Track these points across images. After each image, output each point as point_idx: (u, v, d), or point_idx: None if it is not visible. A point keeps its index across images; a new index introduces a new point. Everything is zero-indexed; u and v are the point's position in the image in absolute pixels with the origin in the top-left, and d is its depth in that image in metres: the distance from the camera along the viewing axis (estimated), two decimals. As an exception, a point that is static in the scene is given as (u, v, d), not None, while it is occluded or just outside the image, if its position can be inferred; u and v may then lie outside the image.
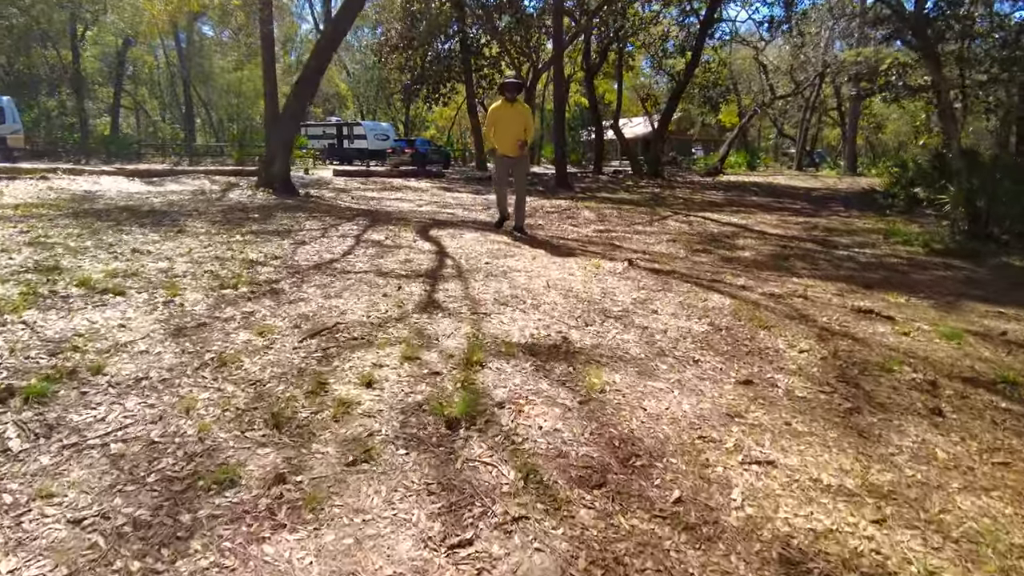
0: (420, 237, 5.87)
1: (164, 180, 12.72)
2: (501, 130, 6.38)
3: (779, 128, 39.03)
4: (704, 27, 19.52)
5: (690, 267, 5.50)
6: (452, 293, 3.93)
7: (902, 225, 9.98)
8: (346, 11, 9.02)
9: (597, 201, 12.64)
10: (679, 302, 4.10)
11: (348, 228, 6.19)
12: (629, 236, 7.78)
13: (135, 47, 27.81)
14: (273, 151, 9.59)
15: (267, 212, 7.13)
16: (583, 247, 6.13)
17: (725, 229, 9.02)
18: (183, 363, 2.49)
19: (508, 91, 6.42)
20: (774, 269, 5.85)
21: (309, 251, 4.94)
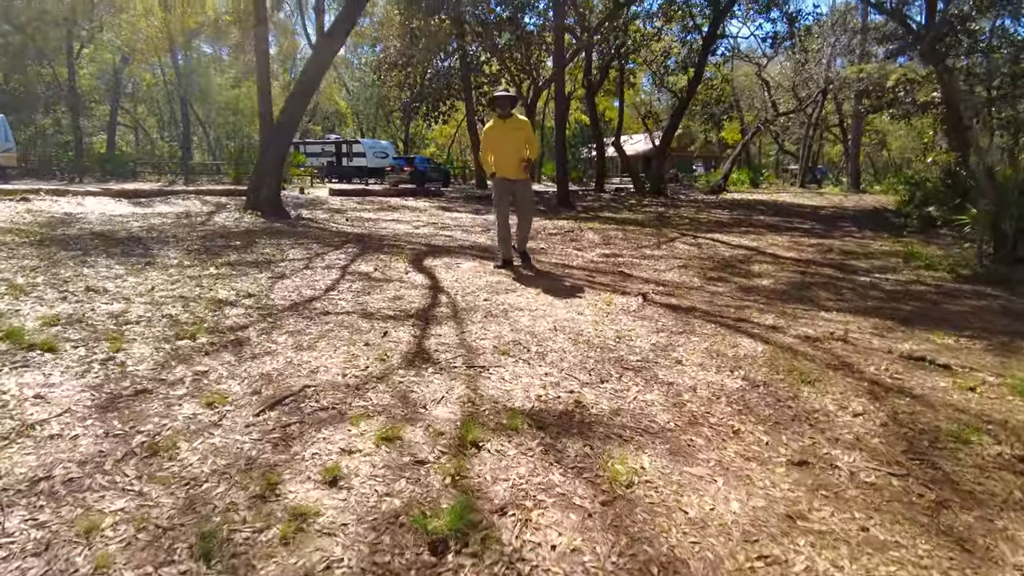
0: (413, 268, 5.38)
1: (152, 201, 12.28)
2: (499, 151, 5.59)
3: (780, 145, 38.81)
4: (707, 43, 19.26)
5: (709, 301, 5.01)
6: (445, 340, 3.43)
7: (920, 247, 9.53)
8: (339, 26, 8.64)
9: (601, 221, 12.20)
10: (705, 348, 3.59)
11: (335, 258, 5.70)
12: (637, 262, 7.33)
13: (132, 64, 27.61)
14: (262, 171, 9.15)
15: (250, 238, 6.66)
16: (591, 277, 5.63)
17: (737, 253, 8.56)
18: (103, 452, 1.98)
19: (500, 106, 5.62)
20: (798, 301, 5.36)
21: (288, 287, 4.44)
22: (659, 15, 20.73)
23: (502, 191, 5.71)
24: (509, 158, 5.53)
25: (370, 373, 2.84)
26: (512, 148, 5.52)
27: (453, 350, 3.26)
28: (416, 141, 45.82)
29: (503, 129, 5.56)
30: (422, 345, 3.30)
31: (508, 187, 5.68)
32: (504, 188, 5.69)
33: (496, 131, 5.62)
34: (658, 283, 5.70)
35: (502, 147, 5.55)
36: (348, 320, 3.68)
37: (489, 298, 4.40)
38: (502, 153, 5.56)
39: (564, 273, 5.76)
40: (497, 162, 5.62)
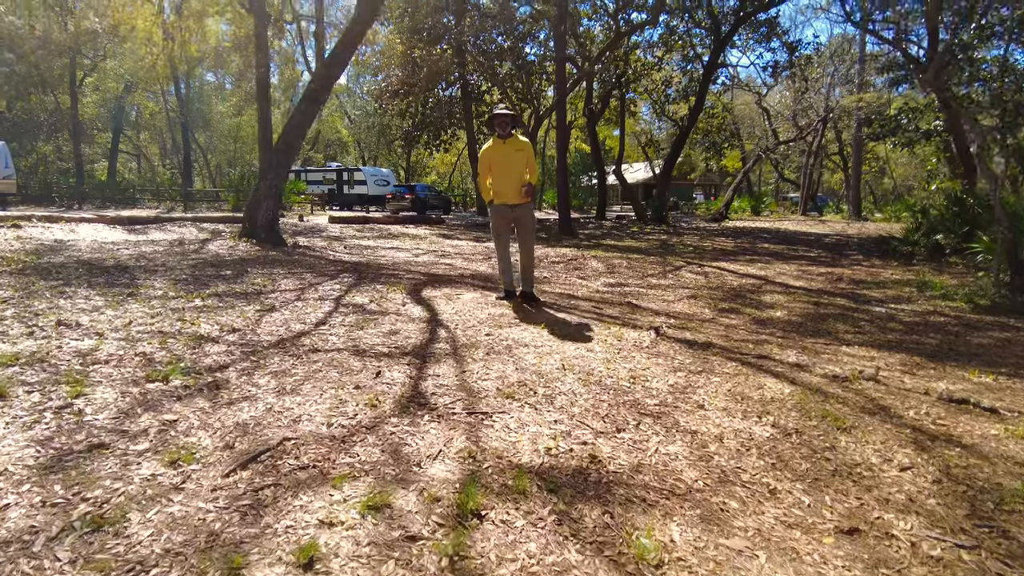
0: (411, 299, 5.10)
1: (148, 228, 12.09)
2: (498, 174, 5.10)
3: (780, 173, 38.95)
4: (708, 72, 19.36)
5: (725, 335, 4.72)
6: (444, 380, 3.13)
7: (932, 276, 9.29)
8: (339, 53, 8.54)
9: (604, 249, 11.99)
10: (728, 390, 3.29)
11: (329, 288, 5.42)
12: (645, 292, 7.08)
13: (135, 93, 27.82)
14: (259, 199, 8.95)
15: (242, 267, 6.40)
16: (598, 309, 5.35)
17: (746, 282, 8.32)
18: (35, 528, 1.66)
19: (499, 126, 5.05)
20: (816, 334, 5.09)
21: (276, 321, 4.16)
22: (659, 45, 20.92)
23: (501, 218, 5.22)
24: (509, 182, 5.04)
25: (359, 422, 2.53)
26: (513, 171, 5.03)
27: (452, 393, 2.96)
28: (418, 169, 46.07)
29: (503, 150, 5.04)
30: (418, 387, 3.00)
31: (508, 214, 5.17)
32: (504, 215, 5.19)
33: (495, 153, 5.07)
34: (669, 315, 5.42)
35: (502, 170, 5.05)
36: (338, 358, 3.38)
37: (491, 333, 4.11)
38: (502, 177, 5.06)
39: (570, 304, 5.48)
40: (496, 186, 5.12)
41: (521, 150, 5.06)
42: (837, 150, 33.57)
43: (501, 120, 5.05)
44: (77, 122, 24.75)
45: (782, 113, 30.12)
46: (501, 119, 5.05)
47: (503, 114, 5.08)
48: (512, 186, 5.04)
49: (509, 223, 5.25)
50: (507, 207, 5.13)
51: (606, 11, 18.85)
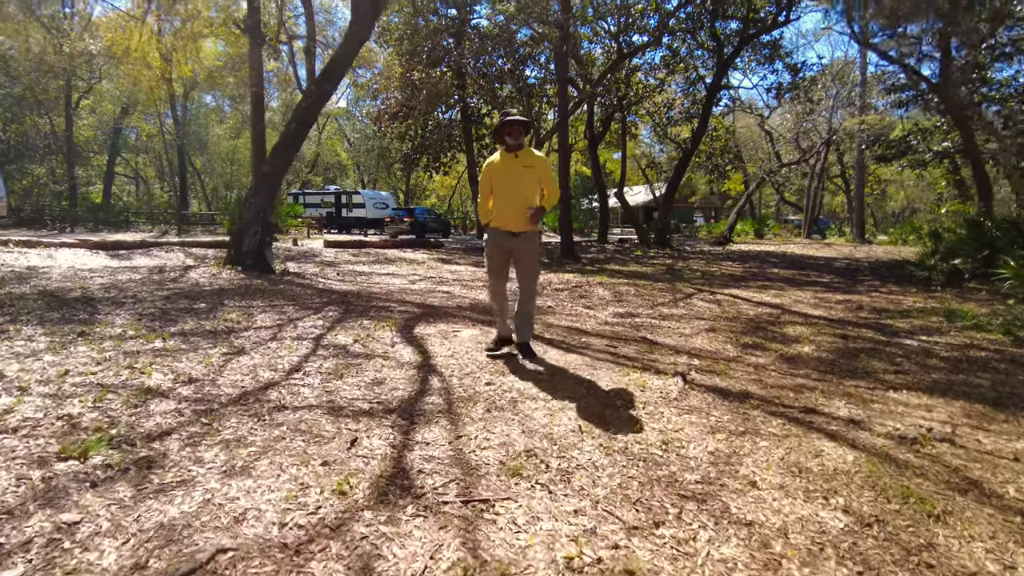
0: (401, 338, 4.53)
1: (132, 253, 11.57)
2: (502, 195, 4.10)
3: (781, 195, 38.70)
4: (711, 94, 19.08)
5: (757, 379, 4.14)
6: (435, 451, 2.55)
7: (956, 304, 8.77)
8: (330, 72, 8.11)
9: (609, 275, 11.47)
10: (781, 459, 2.70)
11: (311, 325, 4.85)
12: (658, 323, 6.53)
13: (132, 115, 27.59)
14: (246, 224, 8.44)
15: (219, 300, 5.84)
16: (611, 347, 4.77)
17: (762, 311, 7.78)
18: None
19: (510, 135, 4.05)
20: (853, 374, 4.54)
21: (242, 367, 3.58)
22: (661, 67, 20.70)
23: (498, 248, 4.16)
24: (514, 204, 4.05)
25: (322, 519, 1.94)
26: (520, 191, 4.06)
27: (444, 469, 2.37)
28: (417, 192, 45.86)
29: (511, 166, 4.07)
30: (402, 461, 2.41)
31: (506, 243, 4.13)
32: (501, 244, 4.14)
33: (501, 168, 4.09)
34: (690, 353, 4.85)
35: (507, 189, 4.06)
36: (308, 419, 2.80)
37: (492, 381, 3.53)
38: (506, 197, 4.07)
39: (579, 342, 4.90)
40: (498, 208, 4.13)
41: (532, 167, 4.08)
42: (839, 172, 33.32)
43: (513, 128, 4.01)
44: (72, 144, 24.44)
45: (784, 136, 29.93)
46: (512, 127, 4.01)
47: (515, 120, 4.00)
48: (516, 209, 4.05)
49: (508, 254, 4.20)
50: (507, 234, 4.11)
51: (608, 33, 18.63)
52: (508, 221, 4.09)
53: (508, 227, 4.10)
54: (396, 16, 21.08)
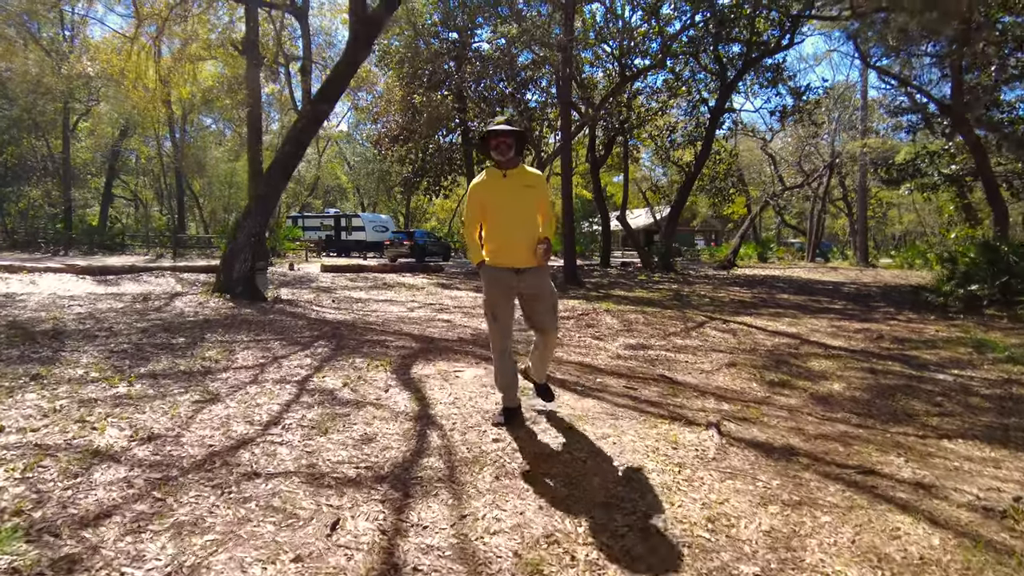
0: (397, 380, 4.06)
1: (121, 279, 11.14)
2: (497, 223, 3.22)
3: (782, 218, 38.50)
4: (714, 116, 18.90)
5: (796, 427, 3.68)
6: (433, 538, 2.07)
7: (981, 332, 8.35)
8: (325, 92, 7.78)
9: (615, 301, 11.03)
10: (851, 541, 2.23)
11: (297, 364, 4.39)
12: (673, 357, 6.10)
13: (130, 137, 27.44)
14: (236, 249, 8.03)
15: (200, 333, 5.38)
16: (630, 389, 4.31)
17: (779, 342, 7.34)
18: None
19: (497, 149, 3.15)
20: (896, 419, 4.13)
21: (214, 420, 3.11)
22: (663, 90, 20.57)
23: (501, 290, 3.21)
24: (516, 235, 3.17)
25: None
26: (519, 217, 3.18)
27: (445, 567, 1.90)
28: (417, 215, 45.69)
29: (504, 187, 3.18)
30: (393, 555, 1.94)
31: (512, 282, 3.19)
32: (505, 285, 3.19)
33: (492, 191, 3.20)
34: (716, 395, 4.40)
35: (504, 217, 3.18)
36: (283, 491, 2.33)
37: (500, 437, 3.06)
38: (504, 227, 3.19)
39: (594, 383, 4.44)
40: (494, 242, 3.22)
41: (531, 186, 3.20)
42: (840, 196, 33.16)
43: (500, 142, 3.11)
44: (68, 166, 24.20)
45: (786, 159, 29.80)
46: (500, 140, 3.12)
47: (503, 131, 3.11)
48: (519, 241, 3.15)
49: (513, 298, 3.25)
50: (510, 272, 3.17)
51: (611, 55, 18.51)
52: (509, 256, 3.16)
53: (512, 263, 3.17)
54: (397, 39, 21.03)
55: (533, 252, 3.14)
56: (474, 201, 3.26)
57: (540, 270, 3.23)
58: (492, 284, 3.20)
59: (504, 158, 3.14)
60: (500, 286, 3.19)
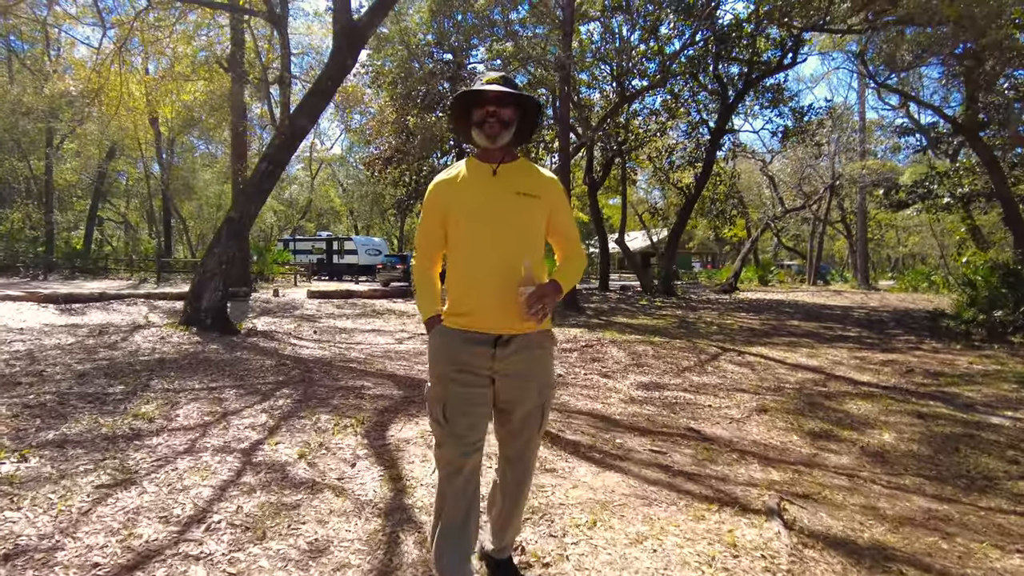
0: (368, 448, 3.27)
1: (89, 307, 10.33)
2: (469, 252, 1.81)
3: (780, 241, 38.09)
4: (715, 138, 18.43)
5: (865, 502, 2.95)
6: None
7: (1016, 364, 7.70)
8: (304, 108, 7.12)
9: (619, 330, 10.30)
10: None
11: (249, 423, 3.60)
12: (694, 400, 5.39)
13: (118, 159, 26.80)
14: (205, 277, 7.27)
15: (145, 380, 4.60)
16: (658, 451, 3.54)
17: (803, 377, 6.64)
18: None
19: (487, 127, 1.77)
20: (977, 487, 3.51)
21: (114, 518, 2.32)
22: (662, 112, 20.15)
23: (465, 382, 1.78)
24: (496, 272, 1.76)
25: None
26: (510, 246, 1.78)
27: None
28: (411, 238, 45.09)
29: (490, 194, 1.81)
30: None
31: (479, 366, 1.78)
32: (472, 373, 1.79)
33: (467, 194, 1.83)
34: (757, 455, 3.65)
35: (482, 241, 1.79)
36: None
37: (500, 539, 2.28)
38: (480, 260, 1.79)
39: (613, 446, 3.67)
40: (459, 285, 1.83)
41: (535, 196, 1.82)
42: (839, 218, 32.79)
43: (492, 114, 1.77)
44: (50, 188, 23.48)
45: (785, 181, 29.46)
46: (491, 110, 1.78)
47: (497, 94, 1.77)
48: (498, 285, 1.75)
49: (485, 390, 1.80)
50: (478, 343, 1.78)
51: (609, 75, 18.08)
52: (485, 314, 1.76)
53: (482, 326, 1.77)
54: (390, 60, 20.60)
55: (522, 306, 1.67)
56: (434, 211, 1.84)
57: (534, 341, 1.79)
58: (448, 364, 1.76)
59: (494, 143, 1.76)
60: (457, 366, 1.75)
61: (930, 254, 33.85)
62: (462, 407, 1.76)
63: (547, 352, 1.86)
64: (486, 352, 1.76)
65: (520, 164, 1.88)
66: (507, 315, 1.75)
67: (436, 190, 1.86)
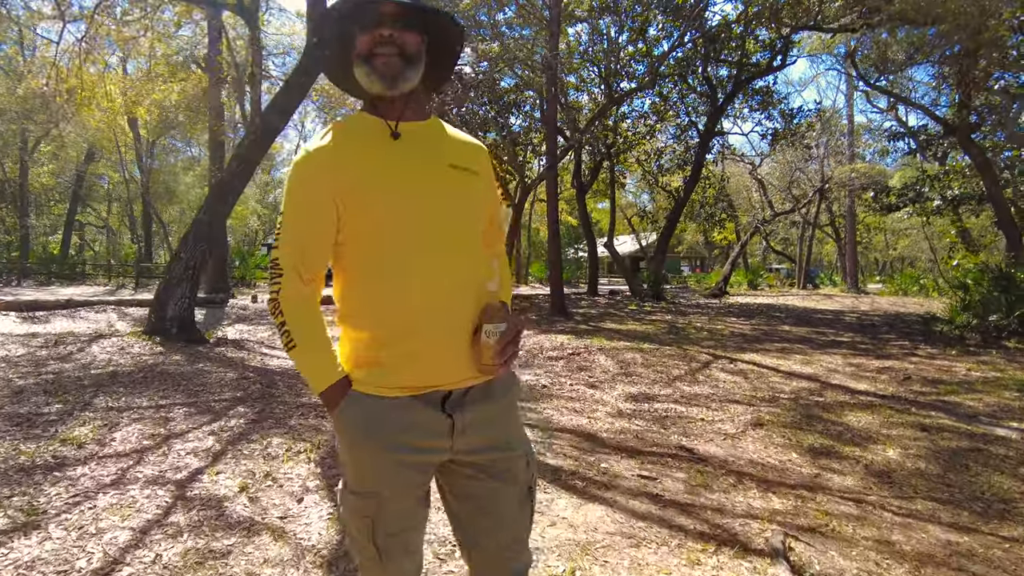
0: (320, 479, 2.90)
1: (53, 315, 9.87)
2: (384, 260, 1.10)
3: (768, 244, 38.11)
4: (704, 140, 18.26)
5: (878, 535, 2.64)
6: None
7: (1014, 370, 7.49)
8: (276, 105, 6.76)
9: (607, 336, 10.00)
10: None
11: (192, 448, 3.22)
12: (685, 412, 5.11)
13: (98, 162, 26.20)
14: (172, 284, 6.87)
15: (89, 396, 4.21)
16: (647, 477, 3.21)
17: (798, 386, 6.38)
18: None
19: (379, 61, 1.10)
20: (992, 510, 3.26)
21: (5, 572, 1.97)
22: (651, 114, 19.97)
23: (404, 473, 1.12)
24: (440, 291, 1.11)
25: None
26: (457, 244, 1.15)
27: None
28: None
29: (411, 165, 1.14)
30: None
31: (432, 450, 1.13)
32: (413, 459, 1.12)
33: (363, 168, 1.11)
34: (755, 478, 3.34)
35: (416, 241, 1.11)
36: None
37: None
38: (415, 269, 1.10)
39: (599, 471, 3.34)
40: (370, 315, 1.13)
41: (473, 171, 1.20)
42: (828, 221, 32.84)
43: (383, 40, 1.10)
44: (25, 191, 22.85)
45: (774, 184, 29.42)
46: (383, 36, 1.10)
47: (388, 5, 1.10)
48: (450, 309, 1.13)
49: (427, 481, 1.18)
50: (429, 402, 1.13)
51: (598, 76, 17.85)
52: (423, 356, 1.11)
53: (425, 378, 1.12)
54: (375, 61, 20.24)
55: (479, 341, 1.13)
56: (316, 199, 1.12)
57: (496, 387, 1.20)
58: (380, 453, 1.11)
59: (393, 87, 1.12)
60: (400, 461, 1.11)
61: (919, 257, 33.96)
62: (405, 526, 1.13)
63: (515, 398, 1.26)
64: (437, 421, 1.11)
65: (436, 125, 1.22)
66: (459, 357, 1.12)
67: (315, 164, 1.11)
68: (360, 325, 1.14)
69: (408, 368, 1.11)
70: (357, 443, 1.11)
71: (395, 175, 1.12)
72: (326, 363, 1.13)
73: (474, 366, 1.14)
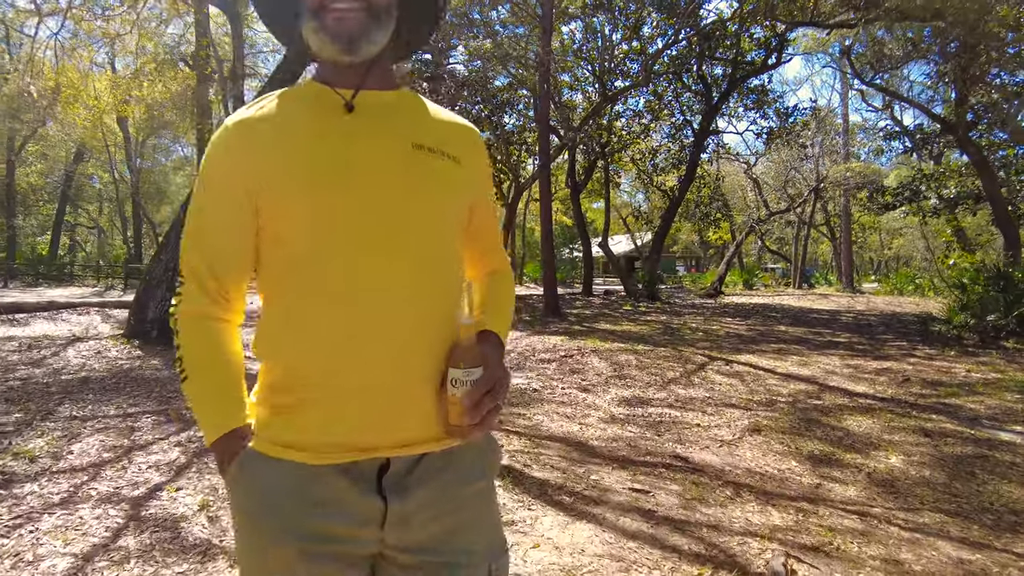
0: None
1: (34, 317, 9.63)
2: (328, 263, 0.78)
3: (762, 243, 38.08)
4: (699, 139, 18.13)
5: (885, 554, 2.48)
6: None
7: (1014, 371, 7.37)
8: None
9: (601, 337, 9.82)
10: None
11: (155, 461, 3.02)
12: (680, 417, 4.95)
13: (87, 162, 25.90)
14: (151, 286, 6.67)
15: (54, 404, 4.00)
16: (639, 491, 3.03)
17: (796, 389, 6.22)
18: None
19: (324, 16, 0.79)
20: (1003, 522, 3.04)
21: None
22: (645, 113, 19.83)
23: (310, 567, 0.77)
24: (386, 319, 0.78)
25: None
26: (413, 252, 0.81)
27: None
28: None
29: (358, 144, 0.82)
30: None
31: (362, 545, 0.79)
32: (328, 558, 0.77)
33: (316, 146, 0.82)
34: (753, 489, 3.17)
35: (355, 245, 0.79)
36: None
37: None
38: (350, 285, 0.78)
39: (587, 482, 3.16)
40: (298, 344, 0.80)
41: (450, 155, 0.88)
42: (823, 220, 32.81)
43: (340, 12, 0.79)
44: (12, 191, 22.54)
45: (769, 183, 29.36)
46: None
47: None
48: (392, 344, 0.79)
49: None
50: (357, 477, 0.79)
51: (592, 75, 17.69)
52: (357, 409, 0.79)
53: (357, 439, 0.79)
54: (367, 60, 20.05)
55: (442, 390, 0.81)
56: (230, 189, 0.83)
57: (464, 459, 0.86)
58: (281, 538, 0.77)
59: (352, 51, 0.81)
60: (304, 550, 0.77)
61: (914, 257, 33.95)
62: None
63: (490, 480, 0.90)
64: (364, 505, 0.79)
65: (407, 98, 0.92)
66: (408, 409, 0.81)
67: (232, 142, 0.84)
68: (275, 356, 0.83)
69: (330, 420, 0.78)
70: (252, 522, 0.79)
71: (331, 158, 0.80)
72: (223, 405, 0.84)
73: (435, 424, 0.82)
